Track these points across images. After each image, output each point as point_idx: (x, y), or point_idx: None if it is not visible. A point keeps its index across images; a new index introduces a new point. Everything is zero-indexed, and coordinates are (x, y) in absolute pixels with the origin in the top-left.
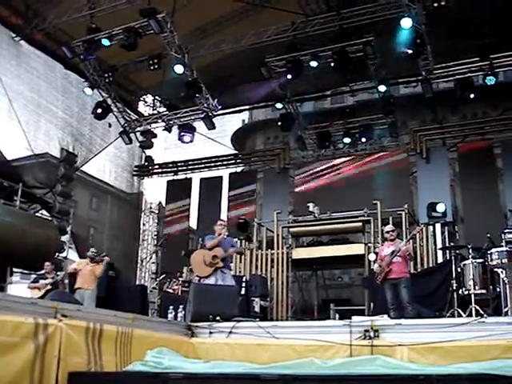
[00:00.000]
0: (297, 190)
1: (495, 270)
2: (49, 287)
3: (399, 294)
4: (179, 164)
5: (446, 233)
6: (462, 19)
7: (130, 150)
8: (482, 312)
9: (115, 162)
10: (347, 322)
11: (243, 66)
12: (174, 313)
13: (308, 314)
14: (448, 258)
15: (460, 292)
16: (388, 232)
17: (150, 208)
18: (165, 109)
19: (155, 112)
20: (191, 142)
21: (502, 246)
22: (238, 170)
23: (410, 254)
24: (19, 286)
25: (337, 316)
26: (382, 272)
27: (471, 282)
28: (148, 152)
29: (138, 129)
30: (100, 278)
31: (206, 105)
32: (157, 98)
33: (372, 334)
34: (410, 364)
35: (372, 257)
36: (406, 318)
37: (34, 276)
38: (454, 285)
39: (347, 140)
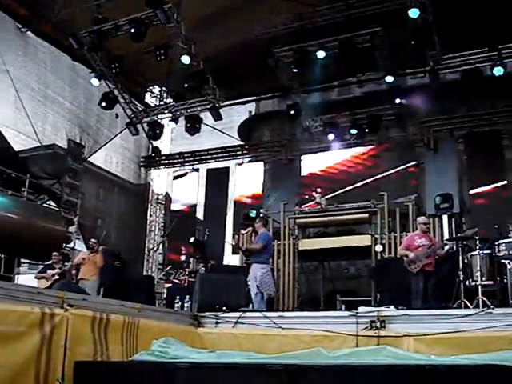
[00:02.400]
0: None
1: (502, 261)
2: (56, 277)
3: (427, 286)
4: (186, 155)
5: (453, 224)
6: (470, 9)
7: (136, 141)
8: (488, 303)
9: (122, 153)
10: (354, 313)
11: (250, 57)
12: (180, 303)
13: (314, 305)
14: (455, 249)
15: (467, 283)
16: (425, 224)
17: (157, 199)
18: (171, 100)
19: (162, 103)
20: (198, 132)
21: (509, 238)
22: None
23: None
24: (27, 277)
25: (343, 307)
26: (420, 262)
27: (478, 273)
28: (155, 143)
29: (145, 120)
30: (101, 267)
31: (212, 96)
32: (163, 88)
33: (378, 325)
34: (417, 354)
35: (379, 248)
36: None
37: (41, 266)
38: (461, 276)
39: (354, 131)
